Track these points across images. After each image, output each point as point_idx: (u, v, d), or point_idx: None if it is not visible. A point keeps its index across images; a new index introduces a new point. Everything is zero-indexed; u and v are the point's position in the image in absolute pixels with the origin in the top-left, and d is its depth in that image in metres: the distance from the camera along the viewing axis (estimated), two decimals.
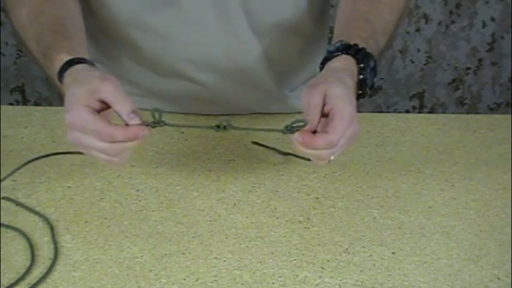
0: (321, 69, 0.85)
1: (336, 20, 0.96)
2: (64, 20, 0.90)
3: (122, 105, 0.75)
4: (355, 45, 0.85)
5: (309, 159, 0.83)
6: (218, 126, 0.78)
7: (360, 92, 0.84)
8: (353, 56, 0.84)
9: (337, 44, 0.85)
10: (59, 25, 0.88)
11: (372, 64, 0.85)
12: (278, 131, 0.78)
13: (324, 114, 0.77)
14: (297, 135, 0.76)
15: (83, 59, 0.82)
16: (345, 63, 0.84)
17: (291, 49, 1.07)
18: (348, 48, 0.85)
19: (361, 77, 0.84)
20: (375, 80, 0.87)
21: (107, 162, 0.78)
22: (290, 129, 0.77)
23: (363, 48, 0.85)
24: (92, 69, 0.81)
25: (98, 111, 0.76)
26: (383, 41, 0.92)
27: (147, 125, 0.75)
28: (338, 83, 0.79)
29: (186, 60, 1.02)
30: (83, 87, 0.76)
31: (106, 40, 1.07)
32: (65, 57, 0.82)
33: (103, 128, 0.75)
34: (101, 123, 0.75)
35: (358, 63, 0.84)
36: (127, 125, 0.75)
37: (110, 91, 0.75)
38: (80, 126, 0.75)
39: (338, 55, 0.85)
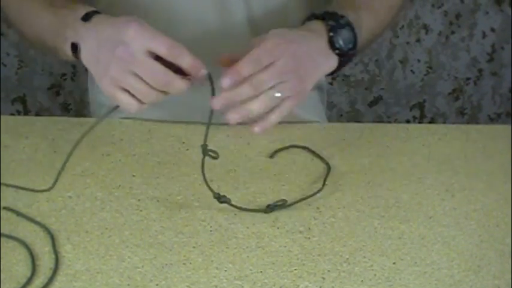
0: None
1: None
2: None
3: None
4: (325, 10, 0.85)
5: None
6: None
7: (337, 51, 0.84)
8: (321, 18, 0.85)
9: (309, 14, 0.87)
10: None
11: (342, 21, 0.84)
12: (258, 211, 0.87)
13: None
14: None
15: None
16: (307, 25, 0.85)
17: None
18: (316, 15, 0.86)
19: (331, 34, 0.83)
20: (350, 45, 0.86)
21: (132, 101, 0.79)
22: (271, 209, 0.87)
23: (333, 11, 0.85)
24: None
25: None
26: (368, 19, 0.91)
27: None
28: (277, 30, 0.81)
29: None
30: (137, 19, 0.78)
31: None
32: (90, 8, 0.85)
33: (174, 42, 0.76)
34: (170, 38, 0.77)
35: (326, 21, 0.84)
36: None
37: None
38: (147, 36, 0.75)
39: (305, 22, 0.86)
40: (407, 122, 2.24)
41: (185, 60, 0.76)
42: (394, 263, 0.82)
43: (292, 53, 0.79)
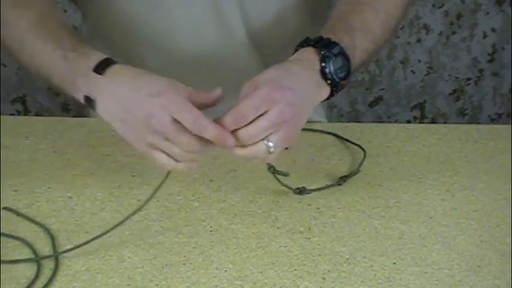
0: None
1: None
2: (74, 30, 0.89)
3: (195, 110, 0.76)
4: (319, 37, 0.84)
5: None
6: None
7: (329, 81, 0.83)
8: (313, 46, 0.83)
9: (303, 40, 0.85)
10: (74, 31, 0.87)
11: (335, 51, 0.83)
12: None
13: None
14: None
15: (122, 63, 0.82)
16: (301, 54, 0.83)
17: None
18: (309, 42, 0.84)
19: (323, 64, 0.82)
20: (342, 74, 0.84)
21: (169, 162, 0.78)
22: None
23: (327, 38, 0.83)
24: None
25: None
26: (363, 39, 0.90)
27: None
28: (272, 69, 0.79)
29: (186, 66, 1.03)
30: (163, 79, 0.77)
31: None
32: (103, 55, 0.81)
33: (197, 113, 0.75)
34: (196, 110, 0.75)
35: (320, 51, 0.82)
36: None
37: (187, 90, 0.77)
38: (174, 111, 0.74)
39: (297, 50, 0.84)
40: (408, 122, 2.24)
41: (210, 133, 0.75)
42: (394, 263, 0.82)
43: (288, 101, 0.77)
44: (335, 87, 0.83)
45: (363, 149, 1.02)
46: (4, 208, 0.89)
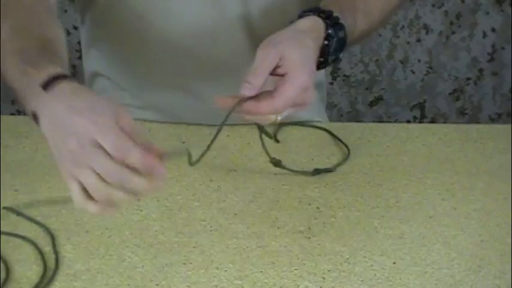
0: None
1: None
2: (52, 42, 0.82)
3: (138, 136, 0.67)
4: (329, 11, 0.83)
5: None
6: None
7: (322, 59, 0.83)
8: (323, 19, 0.83)
9: (312, 7, 0.84)
10: (48, 44, 0.80)
11: (340, 34, 0.83)
12: None
13: (275, 74, 0.77)
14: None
15: (74, 79, 0.73)
16: (312, 24, 0.82)
17: None
18: (320, 12, 0.83)
19: (326, 43, 0.82)
20: (341, 55, 0.85)
21: (87, 202, 0.67)
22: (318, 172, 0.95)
23: (337, 17, 0.83)
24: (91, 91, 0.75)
25: None
26: (362, 22, 0.90)
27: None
28: (297, 46, 0.78)
29: (189, 71, 1.02)
30: (103, 101, 0.69)
31: (114, 52, 1.07)
32: (58, 70, 0.73)
33: (124, 137, 0.65)
34: (123, 134, 0.66)
35: (327, 28, 0.82)
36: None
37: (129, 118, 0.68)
38: (94, 130, 0.66)
39: (309, 15, 0.83)
40: (408, 122, 2.24)
41: (135, 158, 0.65)
42: (394, 263, 0.82)
43: (309, 95, 0.79)
44: (320, 65, 0.83)
45: (347, 148, 1.02)
46: (4, 208, 0.89)
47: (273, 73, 0.78)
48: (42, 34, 0.83)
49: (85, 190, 0.67)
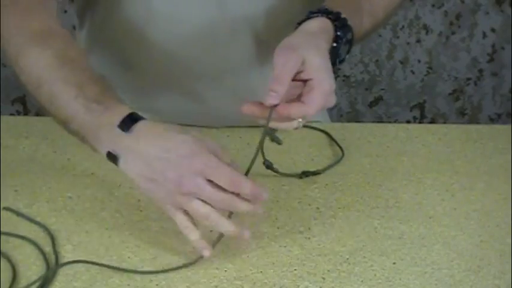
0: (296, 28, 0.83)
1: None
2: (92, 71, 0.86)
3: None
4: (338, 12, 0.83)
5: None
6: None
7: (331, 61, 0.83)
8: (332, 21, 0.83)
9: (320, 8, 0.84)
10: (96, 75, 0.85)
11: (349, 36, 0.83)
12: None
13: (297, 79, 0.78)
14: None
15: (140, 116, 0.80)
16: (322, 26, 0.82)
17: None
18: (329, 13, 0.83)
19: (335, 45, 0.82)
20: (347, 56, 0.86)
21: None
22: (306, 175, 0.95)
23: (345, 19, 0.83)
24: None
25: None
26: (368, 22, 0.90)
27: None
28: (317, 51, 0.78)
29: (191, 73, 1.02)
30: (191, 138, 0.77)
31: (114, 54, 1.07)
32: (127, 108, 0.79)
33: (232, 171, 0.75)
34: (230, 168, 0.76)
35: (336, 30, 0.82)
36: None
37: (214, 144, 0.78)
38: (209, 173, 0.75)
39: (317, 16, 0.83)
40: (408, 122, 2.24)
41: (247, 190, 0.76)
42: (394, 263, 0.82)
43: (332, 99, 0.81)
44: None
45: (342, 150, 1.02)
46: (4, 208, 0.89)
47: (294, 78, 0.78)
48: (86, 65, 0.86)
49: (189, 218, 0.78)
